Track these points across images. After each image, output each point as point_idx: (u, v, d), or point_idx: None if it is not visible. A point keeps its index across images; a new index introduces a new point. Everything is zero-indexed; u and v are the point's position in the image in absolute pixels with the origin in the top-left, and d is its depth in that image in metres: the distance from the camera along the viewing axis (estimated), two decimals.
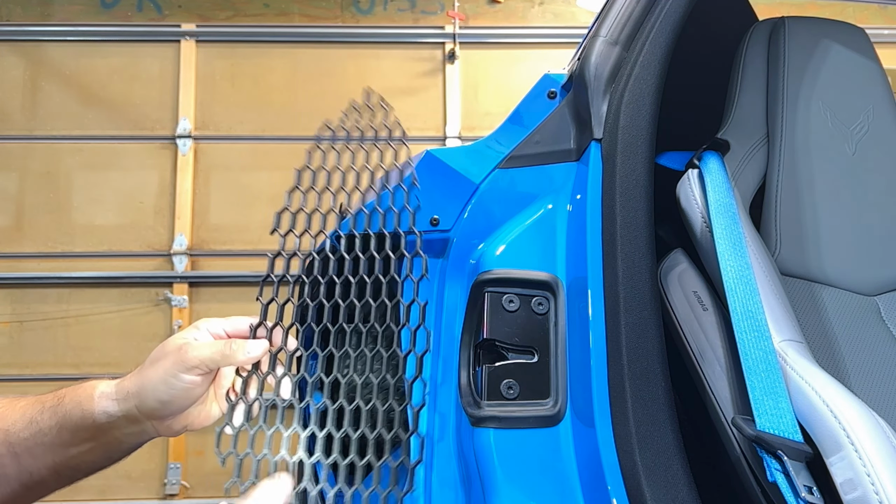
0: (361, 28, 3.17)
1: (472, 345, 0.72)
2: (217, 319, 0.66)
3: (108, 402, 0.62)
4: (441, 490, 0.69)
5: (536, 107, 0.82)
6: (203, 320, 0.66)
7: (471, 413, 0.68)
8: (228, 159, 3.03)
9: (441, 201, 0.79)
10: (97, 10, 3.17)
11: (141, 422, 0.64)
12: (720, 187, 0.76)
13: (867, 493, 0.53)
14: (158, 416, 0.63)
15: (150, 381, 0.62)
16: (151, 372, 0.62)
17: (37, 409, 0.63)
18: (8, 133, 3.08)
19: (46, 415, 0.62)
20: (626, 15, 0.79)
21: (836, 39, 1.00)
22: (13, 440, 0.62)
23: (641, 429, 0.62)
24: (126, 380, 0.64)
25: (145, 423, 0.64)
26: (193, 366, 0.61)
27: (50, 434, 0.62)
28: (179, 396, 0.62)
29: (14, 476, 0.62)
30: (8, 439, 0.62)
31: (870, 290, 0.92)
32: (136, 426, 0.64)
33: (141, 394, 0.62)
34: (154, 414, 0.63)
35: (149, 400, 0.62)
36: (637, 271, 0.67)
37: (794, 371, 0.63)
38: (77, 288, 3.01)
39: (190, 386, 0.62)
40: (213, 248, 2.99)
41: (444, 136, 3.10)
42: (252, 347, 0.63)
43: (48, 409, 0.63)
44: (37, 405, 0.63)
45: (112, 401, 0.63)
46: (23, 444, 0.62)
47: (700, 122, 1.03)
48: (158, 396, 0.61)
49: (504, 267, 0.72)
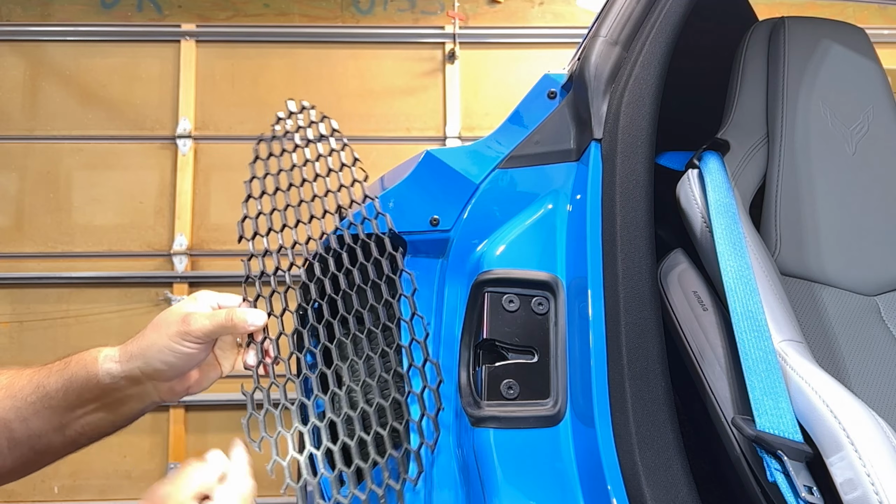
0: (361, 28, 3.17)
1: (472, 345, 0.72)
2: (213, 293, 0.71)
3: (112, 363, 0.67)
4: (441, 490, 0.69)
5: (536, 107, 0.82)
6: (201, 292, 0.71)
7: (471, 413, 0.68)
8: (228, 159, 3.02)
9: (441, 201, 0.79)
10: (97, 10, 3.17)
11: (143, 383, 0.68)
12: (720, 187, 0.76)
13: (867, 493, 0.53)
14: (162, 378, 0.68)
15: (155, 346, 0.66)
16: (156, 337, 0.66)
17: (43, 375, 0.67)
18: (8, 133, 3.08)
19: (53, 378, 0.66)
20: (626, 15, 0.79)
21: (836, 39, 1.00)
22: (21, 405, 0.65)
23: (641, 429, 0.61)
24: (129, 344, 0.68)
25: (147, 385, 0.68)
26: (197, 336, 0.66)
27: (56, 397, 0.66)
28: (182, 360, 0.67)
29: (24, 440, 0.66)
30: (16, 405, 0.65)
31: (870, 290, 0.92)
32: (139, 387, 0.68)
33: (145, 356, 0.66)
34: (157, 376, 0.67)
35: (153, 362, 0.66)
36: (637, 271, 0.67)
37: (794, 371, 0.63)
38: (77, 288, 3.00)
39: (193, 352, 0.67)
40: (213, 248, 2.99)
41: (444, 136, 3.09)
42: (253, 317, 0.68)
43: (55, 374, 0.67)
44: (43, 371, 0.67)
45: (115, 363, 0.67)
46: (31, 408, 0.65)
47: (700, 122, 1.03)
48: (163, 359, 0.66)
49: (504, 267, 0.72)
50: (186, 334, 0.66)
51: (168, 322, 0.67)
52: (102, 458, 2.91)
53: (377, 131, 3.04)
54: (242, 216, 0.76)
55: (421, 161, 0.81)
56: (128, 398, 0.68)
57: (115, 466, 2.91)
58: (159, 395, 0.69)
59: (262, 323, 0.69)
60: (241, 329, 0.68)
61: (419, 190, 0.79)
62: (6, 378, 0.67)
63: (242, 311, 0.68)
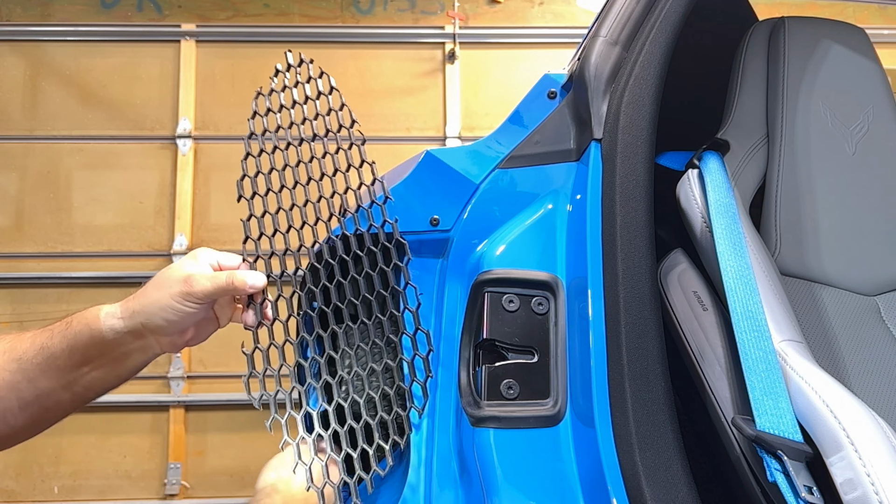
0: (361, 28, 3.17)
1: (472, 345, 0.72)
2: (212, 251, 0.74)
3: (114, 320, 0.69)
4: (441, 490, 0.69)
5: (536, 107, 0.82)
6: (200, 249, 0.74)
7: (471, 413, 0.68)
8: (228, 159, 3.03)
9: (441, 201, 0.79)
10: (97, 10, 3.17)
11: (146, 336, 0.70)
12: (720, 187, 0.76)
13: (867, 492, 0.53)
14: (163, 333, 0.71)
15: (158, 303, 0.69)
16: (158, 295, 0.69)
17: (46, 336, 0.69)
18: (8, 133, 3.08)
19: (56, 339, 0.68)
20: (626, 15, 0.79)
21: (836, 39, 1.00)
22: (26, 367, 0.67)
23: (641, 429, 0.61)
24: (130, 301, 0.70)
25: (149, 338, 0.71)
26: (198, 297, 0.69)
27: (62, 357, 0.68)
28: (183, 318, 0.70)
29: (32, 400, 0.68)
30: (21, 367, 0.67)
31: (870, 290, 0.92)
32: (141, 341, 0.71)
33: (147, 312, 0.69)
34: (160, 331, 0.70)
35: (156, 318, 0.69)
36: (637, 271, 0.67)
37: (794, 371, 0.63)
38: (77, 288, 3.00)
39: (195, 311, 0.70)
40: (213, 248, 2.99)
41: (444, 136, 3.09)
42: (252, 279, 0.71)
43: (58, 334, 0.69)
44: (45, 332, 0.70)
45: (118, 319, 0.69)
46: (37, 368, 0.67)
47: (700, 122, 1.03)
48: (165, 316, 0.69)
49: (504, 267, 0.72)
50: (189, 294, 0.68)
51: (170, 281, 0.69)
52: (102, 458, 2.91)
53: (377, 131, 3.04)
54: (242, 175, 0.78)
55: (421, 161, 0.81)
56: (131, 352, 0.71)
57: (115, 466, 2.92)
58: (161, 347, 0.72)
59: (261, 284, 0.72)
60: (241, 291, 0.71)
61: (419, 190, 0.79)
62: (7, 342, 0.69)
63: (242, 274, 0.71)
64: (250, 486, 2.95)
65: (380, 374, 0.73)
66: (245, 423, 2.92)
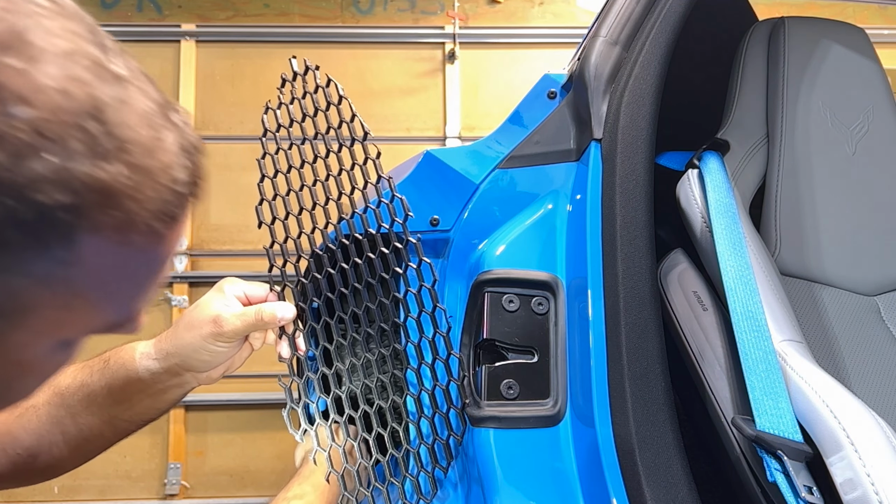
0: (361, 28, 3.17)
1: (472, 345, 0.72)
2: (239, 282, 0.72)
3: (150, 361, 0.70)
4: (441, 490, 0.69)
5: (536, 107, 0.82)
6: (227, 283, 0.72)
7: (471, 413, 0.68)
8: (228, 159, 3.02)
9: (441, 201, 0.79)
10: (97, 10, 3.17)
11: (182, 374, 0.71)
12: (720, 187, 0.76)
13: (867, 492, 0.53)
14: (199, 370, 0.71)
15: (191, 346, 0.69)
16: (189, 337, 0.69)
17: (86, 373, 0.69)
18: None
19: (95, 378, 0.69)
20: (626, 15, 0.79)
21: (836, 39, 1.00)
22: (70, 402, 0.68)
23: (641, 429, 0.61)
24: (162, 341, 0.70)
25: (186, 375, 0.71)
26: (229, 337, 0.69)
27: (101, 394, 0.68)
28: (218, 356, 0.70)
29: (75, 433, 0.69)
30: (65, 402, 0.68)
31: (870, 290, 0.92)
32: (178, 378, 0.71)
33: (181, 354, 0.69)
34: (196, 369, 0.71)
35: (190, 360, 0.69)
36: (637, 271, 0.67)
37: (794, 371, 0.63)
38: None
39: (228, 350, 0.70)
40: (212, 248, 2.99)
41: (444, 136, 3.09)
42: (281, 311, 0.70)
43: (96, 373, 0.69)
44: (85, 369, 0.70)
45: (153, 360, 0.70)
46: (79, 405, 0.68)
47: (700, 122, 1.03)
48: (200, 357, 0.69)
49: (504, 267, 0.72)
50: (219, 335, 0.68)
51: (199, 322, 0.69)
52: (102, 458, 2.87)
53: (377, 131, 3.02)
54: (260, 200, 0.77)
55: (421, 161, 0.81)
56: (169, 388, 0.72)
57: (115, 466, 2.91)
58: (198, 381, 0.73)
59: (291, 316, 0.71)
60: (271, 325, 0.70)
61: (419, 190, 0.79)
62: None
63: (271, 307, 0.70)
64: (250, 486, 2.95)
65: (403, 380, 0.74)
66: (245, 423, 2.92)
